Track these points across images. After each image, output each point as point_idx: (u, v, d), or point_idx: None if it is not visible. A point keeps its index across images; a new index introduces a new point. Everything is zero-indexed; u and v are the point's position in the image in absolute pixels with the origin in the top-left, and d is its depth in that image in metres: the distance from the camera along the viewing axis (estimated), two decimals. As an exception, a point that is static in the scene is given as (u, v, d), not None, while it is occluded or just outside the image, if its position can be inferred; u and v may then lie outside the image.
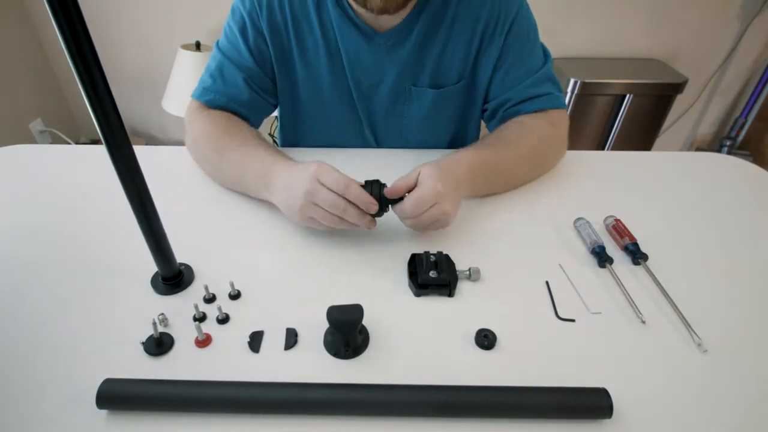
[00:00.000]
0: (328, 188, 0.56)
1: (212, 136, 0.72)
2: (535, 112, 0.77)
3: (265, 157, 0.65)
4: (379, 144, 0.89)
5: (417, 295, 0.56)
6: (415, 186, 0.58)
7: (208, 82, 0.76)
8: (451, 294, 0.56)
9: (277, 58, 0.78)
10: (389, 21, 0.74)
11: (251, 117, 0.79)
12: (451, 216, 0.59)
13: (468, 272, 0.57)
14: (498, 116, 0.82)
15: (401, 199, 0.58)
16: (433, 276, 0.55)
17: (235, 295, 0.55)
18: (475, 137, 0.92)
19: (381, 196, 0.58)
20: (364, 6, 0.67)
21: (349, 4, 0.73)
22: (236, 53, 0.76)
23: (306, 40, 0.77)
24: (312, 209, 0.57)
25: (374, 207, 0.57)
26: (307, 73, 0.80)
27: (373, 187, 0.58)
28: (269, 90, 0.81)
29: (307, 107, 0.84)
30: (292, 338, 0.50)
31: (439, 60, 0.78)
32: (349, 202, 0.56)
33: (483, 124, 0.90)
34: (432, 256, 0.57)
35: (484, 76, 0.80)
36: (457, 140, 0.91)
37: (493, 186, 0.72)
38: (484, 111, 0.85)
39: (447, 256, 0.59)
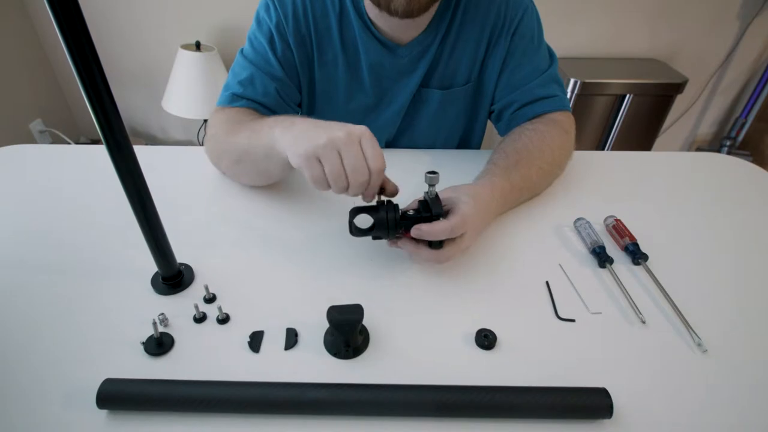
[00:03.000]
0: (362, 151, 0.50)
1: (230, 123, 0.69)
2: (545, 114, 0.77)
3: (286, 116, 0.62)
4: (388, 147, 0.90)
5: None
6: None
7: (238, 90, 0.73)
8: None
9: (302, 69, 0.78)
10: (409, 33, 0.74)
11: None
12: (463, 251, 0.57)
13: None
14: (505, 118, 0.81)
15: (415, 220, 0.54)
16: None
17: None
18: (481, 139, 0.92)
19: (396, 218, 0.54)
20: (388, 10, 0.66)
21: (371, 20, 0.73)
22: (266, 64, 0.75)
23: (326, 52, 0.77)
24: (329, 154, 0.50)
25: (396, 194, 0.56)
26: (324, 84, 0.80)
27: (389, 209, 0.54)
28: (296, 100, 0.80)
29: (321, 117, 0.84)
30: (292, 338, 0.50)
31: (448, 62, 0.78)
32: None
33: (489, 126, 0.90)
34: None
35: (491, 78, 0.80)
36: (464, 142, 0.92)
37: (515, 204, 0.70)
38: (491, 113, 0.85)
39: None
